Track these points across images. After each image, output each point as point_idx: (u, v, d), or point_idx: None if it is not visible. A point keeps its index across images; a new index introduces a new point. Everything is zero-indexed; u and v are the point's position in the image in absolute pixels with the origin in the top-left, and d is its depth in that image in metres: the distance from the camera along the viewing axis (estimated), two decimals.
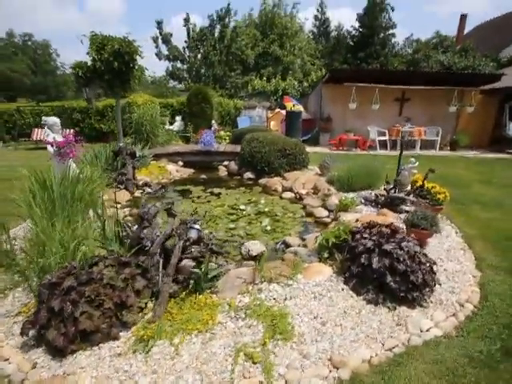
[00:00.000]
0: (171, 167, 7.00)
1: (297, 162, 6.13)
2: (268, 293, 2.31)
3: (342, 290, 2.37)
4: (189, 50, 16.29)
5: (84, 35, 5.38)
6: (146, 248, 2.27)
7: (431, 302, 2.28)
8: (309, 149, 9.94)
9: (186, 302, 2.16)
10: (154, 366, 1.74)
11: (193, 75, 16.32)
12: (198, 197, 5.13)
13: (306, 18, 38.33)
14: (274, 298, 2.25)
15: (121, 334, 1.95)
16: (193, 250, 2.19)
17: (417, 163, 4.13)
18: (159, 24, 15.92)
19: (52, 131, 3.81)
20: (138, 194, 5.27)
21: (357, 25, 24.45)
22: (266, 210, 4.42)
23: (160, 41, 16.18)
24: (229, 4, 16.09)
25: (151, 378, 1.68)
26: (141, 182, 5.53)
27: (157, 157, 7.49)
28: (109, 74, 5.44)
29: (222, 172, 7.10)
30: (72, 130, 11.94)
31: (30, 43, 28.16)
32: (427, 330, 2.01)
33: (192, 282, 2.17)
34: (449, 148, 9.67)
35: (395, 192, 4.07)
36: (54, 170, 3.68)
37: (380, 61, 22.62)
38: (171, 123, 11.62)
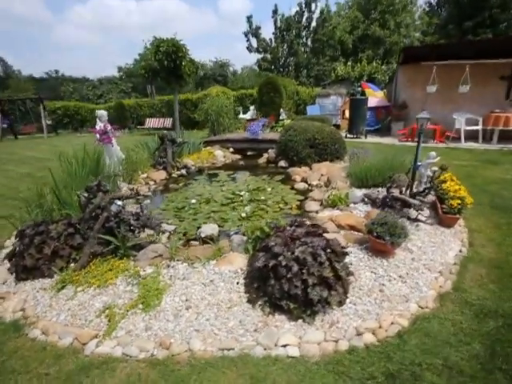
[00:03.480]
0: (219, 153, 7.63)
1: (328, 152, 5.63)
2: (172, 270, 2.51)
3: (237, 283, 2.31)
4: (275, 41, 16.48)
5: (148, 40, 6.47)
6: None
7: (321, 320, 1.95)
8: (375, 139, 8.72)
9: (107, 262, 2.62)
10: (52, 302, 2.29)
11: (278, 65, 16.51)
12: (218, 181, 5.53)
13: None
14: (171, 275, 2.44)
15: (56, 275, 2.60)
16: (113, 221, 2.62)
17: (437, 158, 3.20)
18: (249, 19, 16.71)
19: (100, 121, 4.92)
20: (175, 174, 6.13)
21: None
22: (262, 198, 4.40)
23: (250, 35, 17.01)
24: None
25: (45, 309, 2.23)
26: (181, 165, 6.36)
27: (211, 143, 8.29)
28: (163, 72, 6.37)
29: (263, 159, 7.22)
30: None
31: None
32: (283, 346, 1.79)
33: (112, 247, 2.60)
34: None
35: (400, 192, 3.32)
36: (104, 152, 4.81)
37: (498, 29, 16.55)
38: (244, 112, 12.33)
